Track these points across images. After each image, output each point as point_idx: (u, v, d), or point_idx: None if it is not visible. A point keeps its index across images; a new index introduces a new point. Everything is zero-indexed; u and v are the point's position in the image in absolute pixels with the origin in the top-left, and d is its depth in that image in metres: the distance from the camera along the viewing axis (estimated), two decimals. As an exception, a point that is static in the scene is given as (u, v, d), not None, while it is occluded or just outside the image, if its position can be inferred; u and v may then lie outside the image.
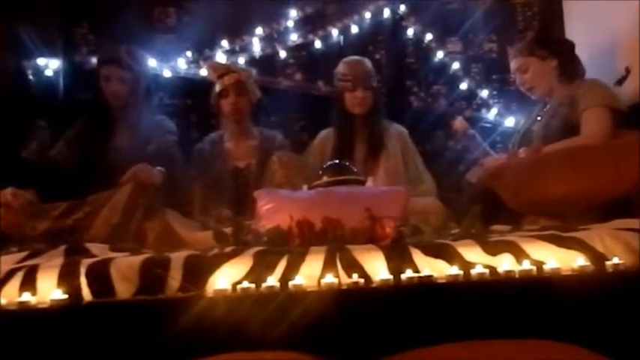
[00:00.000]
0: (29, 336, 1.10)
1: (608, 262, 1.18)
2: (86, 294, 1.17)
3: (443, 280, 1.18)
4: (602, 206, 1.53)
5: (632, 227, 1.27)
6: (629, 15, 2.20)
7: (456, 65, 2.84)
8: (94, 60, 2.47)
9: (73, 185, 1.95)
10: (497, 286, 1.16)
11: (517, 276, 1.17)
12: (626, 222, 1.34)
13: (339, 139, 2.26)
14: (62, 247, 1.45)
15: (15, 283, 1.18)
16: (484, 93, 2.84)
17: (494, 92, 2.85)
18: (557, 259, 1.20)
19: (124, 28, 2.47)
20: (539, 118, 2.11)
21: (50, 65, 2.52)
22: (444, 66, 2.84)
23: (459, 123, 2.27)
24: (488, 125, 2.74)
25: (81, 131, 2.17)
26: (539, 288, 1.16)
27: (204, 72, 2.51)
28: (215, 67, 2.31)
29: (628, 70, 2.21)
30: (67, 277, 1.17)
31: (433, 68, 2.83)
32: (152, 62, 2.47)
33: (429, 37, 2.84)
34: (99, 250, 1.45)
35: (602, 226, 1.35)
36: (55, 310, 1.12)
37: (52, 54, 2.53)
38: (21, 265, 1.27)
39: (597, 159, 1.62)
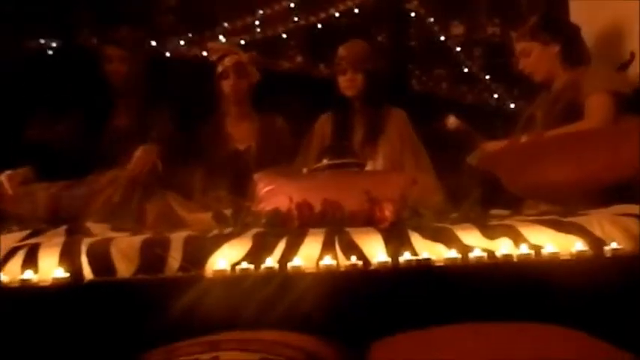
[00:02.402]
0: (31, 313, 1.11)
1: (606, 247, 1.19)
2: (87, 273, 1.18)
3: (441, 264, 1.18)
4: (602, 191, 1.53)
5: (632, 213, 1.28)
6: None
7: (458, 49, 2.82)
8: (94, 40, 2.45)
9: (74, 165, 1.96)
10: (495, 269, 1.17)
11: (515, 260, 1.18)
12: (626, 207, 1.34)
13: (335, 122, 2.25)
14: (63, 227, 1.46)
15: (17, 261, 1.19)
16: (487, 77, 2.83)
17: (497, 76, 2.84)
18: (555, 243, 1.21)
19: (126, 9, 2.45)
20: (542, 103, 2.10)
21: (51, 45, 2.50)
22: (446, 49, 2.82)
23: (452, 121, 2.23)
24: (490, 109, 2.73)
25: (81, 112, 2.16)
26: (537, 272, 1.17)
27: (204, 53, 2.49)
28: (216, 49, 2.29)
29: (633, 55, 2.19)
30: (68, 256, 1.19)
31: (435, 51, 2.81)
32: (153, 43, 2.45)
33: (431, 20, 2.81)
34: (99, 230, 1.45)
35: (602, 211, 1.35)
36: (56, 288, 1.13)
37: (52, 34, 2.51)
38: (22, 243, 1.28)
39: (598, 144, 1.61)
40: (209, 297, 1.10)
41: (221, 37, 2.64)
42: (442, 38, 2.81)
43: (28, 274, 1.14)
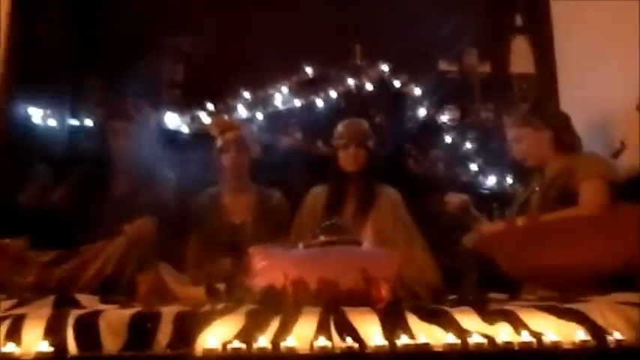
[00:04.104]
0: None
1: (610, 338, 1.16)
2: (72, 347, 1.13)
3: (440, 349, 1.15)
4: (599, 278, 1.52)
5: (633, 301, 1.26)
6: (624, 88, 2.28)
7: (453, 132, 2.91)
8: (100, 111, 2.52)
9: (69, 233, 1.93)
10: (495, 356, 1.13)
11: (516, 348, 1.15)
12: (626, 296, 1.33)
13: (330, 195, 2.27)
14: (51, 297, 1.42)
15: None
16: (481, 160, 2.89)
17: (492, 160, 2.90)
18: (555, 330, 1.18)
19: (132, 82, 2.55)
20: (537, 187, 2.14)
21: (56, 114, 2.57)
22: (442, 132, 2.92)
23: (455, 199, 2.23)
24: (485, 192, 2.76)
25: (82, 179, 2.17)
26: (538, 361, 1.13)
27: (207, 127, 2.56)
28: (218, 123, 2.36)
29: (623, 144, 2.27)
30: (54, 329, 1.14)
31: (432, 134, 2.90)
32: (158, 116, 2.53)
33: (428, 103, 2.93)
34: (89, 302, 1.41)
35: (602, 298, 1.33)
36: (38, 364, 1.07)
37: (58, 104, 2.59)
38: (7, 313, 1.23)
39: (593, 230, 1.63)
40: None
41: (224, 112, 2.73)
42: (439, 121, 2.91)
43: (10, 347, 1.09)
